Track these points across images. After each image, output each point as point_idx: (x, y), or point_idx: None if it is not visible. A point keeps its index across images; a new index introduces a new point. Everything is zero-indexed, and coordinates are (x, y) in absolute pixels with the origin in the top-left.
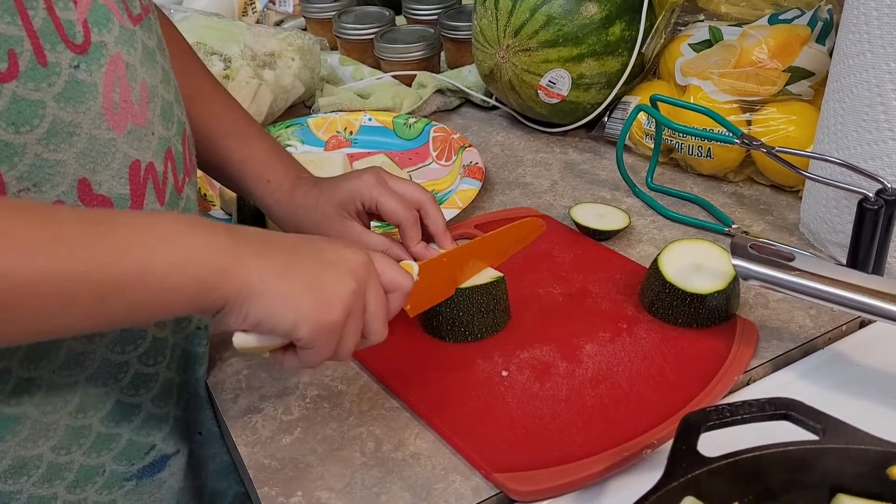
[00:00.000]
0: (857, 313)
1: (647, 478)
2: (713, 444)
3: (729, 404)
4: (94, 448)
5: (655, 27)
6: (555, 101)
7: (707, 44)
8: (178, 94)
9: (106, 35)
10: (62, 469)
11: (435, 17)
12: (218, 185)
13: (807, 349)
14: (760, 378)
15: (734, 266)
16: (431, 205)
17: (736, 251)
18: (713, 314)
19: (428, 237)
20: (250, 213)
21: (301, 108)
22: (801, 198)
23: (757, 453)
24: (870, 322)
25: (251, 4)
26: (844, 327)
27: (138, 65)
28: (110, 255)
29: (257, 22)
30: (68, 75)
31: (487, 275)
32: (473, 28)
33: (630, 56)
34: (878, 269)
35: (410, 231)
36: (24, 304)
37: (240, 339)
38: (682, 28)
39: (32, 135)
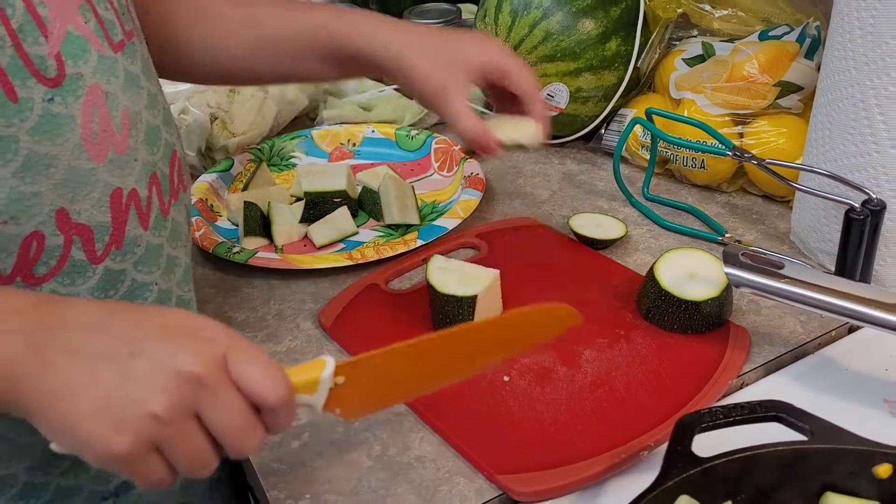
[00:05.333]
0: (845, 319)
1: (644, 478)
2: (707, 445)
3: (722, 407)
4: (71, 470)
5: (650, 42)
6: (553, 113)
7: (700, 59)
8: (166, 115)
9: (83, 66)
10: (38, 489)
11: None
12: (226, 196)
13: (797, 354)
14: (753, 382)
15: (726, 274)
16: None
17: (728, 260)
18: (707, 320)
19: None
20: (256, 223)
21: (305, 120)
22: (791, 208)
23: (749, 453)
24: (858, 328)
25: None
26: (833, 333)
27: (120, 92)
28: None
29: None
30: (42, 109)
31: (484, 279)
32: None
33: (626, 70)
34: (865, 277)
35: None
36: None
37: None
38: (676, 43)
39: (7, 168)
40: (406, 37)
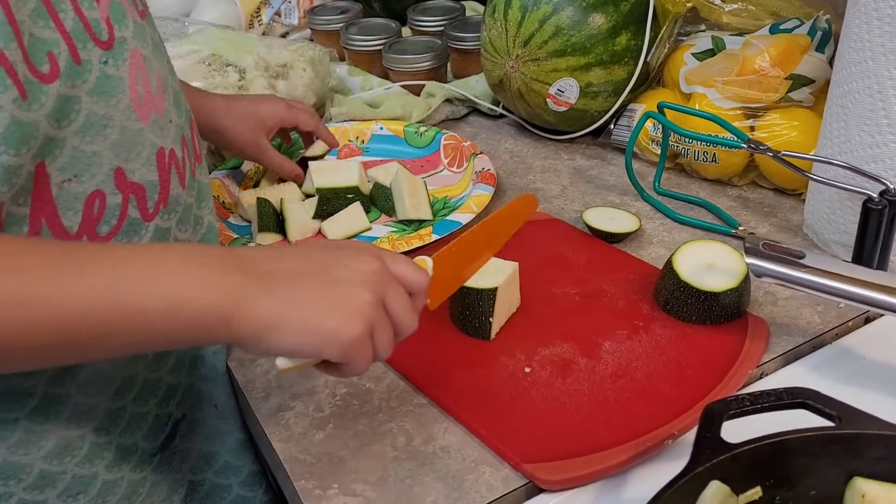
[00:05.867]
0: (867, 307)
1: (668, 466)
2: (731, 433)
3: (749, 394)
4: (128, 429)
5: (659, 37)
6: (563, 108)
7: (710, 53)
8: (180, 84)
9: (125, 30)
10: (102, 448)
11: (440, 28)
12: (237, 194)
13: (815, 344)
14: (772, 372)
15: (748, 264)
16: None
17: (749, 250)
18: (726, 311)
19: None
20: (271, 220)
21: None
22: (803, 200)
23: (778, 439)
24: (875, 318)
25: (257, 17)
26: (850, 323)
27: (152, 57)
28: (91, 301)
29: (263, 34)
30: (99, 71)
31: (504, 271)
32: (482, 39)
33: (636, 65)
34: (881, 267)
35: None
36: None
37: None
38: (685, 38)
39: (70, 129)
40: (221, 108)
